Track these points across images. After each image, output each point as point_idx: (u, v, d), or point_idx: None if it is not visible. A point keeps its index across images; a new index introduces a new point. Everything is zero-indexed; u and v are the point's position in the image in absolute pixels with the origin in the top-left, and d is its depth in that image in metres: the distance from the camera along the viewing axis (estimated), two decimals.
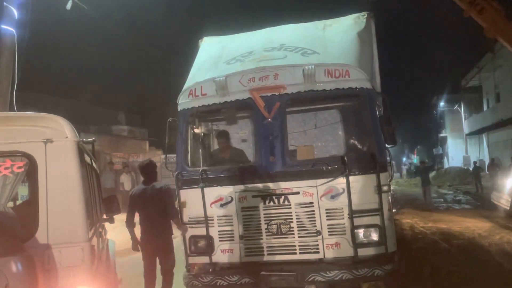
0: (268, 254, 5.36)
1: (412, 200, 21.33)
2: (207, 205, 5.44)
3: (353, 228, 5.16)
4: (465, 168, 32.60)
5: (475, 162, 25.72)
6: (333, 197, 5.25)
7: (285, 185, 5.32)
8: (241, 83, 5.54)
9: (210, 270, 5.44)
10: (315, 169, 5.35)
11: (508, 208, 13.12)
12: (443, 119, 41.51)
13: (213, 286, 5.36)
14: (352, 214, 5.15)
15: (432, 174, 35.51)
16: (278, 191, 5.33)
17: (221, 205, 5.45)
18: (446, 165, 39.96)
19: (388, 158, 5.88)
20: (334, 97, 5.74)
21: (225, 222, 5.44)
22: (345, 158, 5.23)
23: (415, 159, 56.14)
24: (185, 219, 5.54)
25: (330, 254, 5.24)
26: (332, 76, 5.42)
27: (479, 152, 32.99)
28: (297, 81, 5.42)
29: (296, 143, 6.57)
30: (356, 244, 5.15)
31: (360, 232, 5.21)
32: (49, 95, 17.45)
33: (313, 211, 5.27)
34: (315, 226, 5.26)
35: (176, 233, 5.96)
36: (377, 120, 5.45)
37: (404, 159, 67.71)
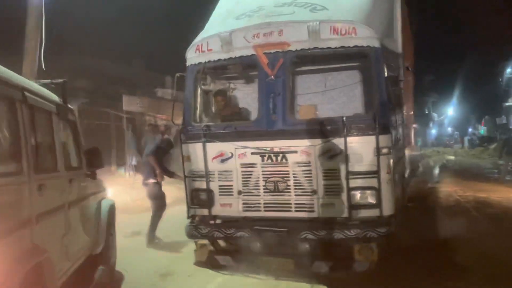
0: (264, 210, 5.46)
1: (463, 170, 20.58)
2: (209, 160, 5.58)
3: (349, 189, 5.12)
4: None
5: None
6: (330, 157, 5.20)
7: (284, 144, 5.33)
8: (245, 39, 5.50)
9: (210, 222, 5.65)
10: (314, 128, 5.31)
11: None
12: (509, 86, 38.83)
13: (210, 237, 5.58)
14: (348, 175, 5.10)
15: (493, 146, 33.81)
16: (276, 149, 5.35)
17: (222, 161, 5.57)
18: None
19: (396, 121, 5.73)
20: (341, 56, 5.57)
21: (225, 177, 5.57)
22: (344, 118, 5.12)
23: (482, 130, 53.45)
24: (187, 173, 5.72)
25: (324, 213, 5.26)
26: (337, 33, 5.24)
27: None
28: (302, 38, 5.30)
29: (302, 103, 6.49)
30: (351, 205, 5.12)
31: (356, 193, 5.15)
32: (99, 58, 17.91)
33: (310, 170, 5.26)
34: (312, 185, 5.27)
35: None
36: (383, 81, 5.25)
37: (470, 129, 64.76)
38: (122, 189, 10.68)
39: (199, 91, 6.03)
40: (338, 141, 5.14)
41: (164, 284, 5.40)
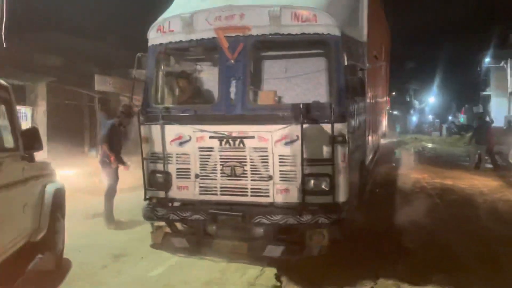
0: (221, 194, 5.49)
1: (436, 157, 20.91)
2: (167, 142, 5.57)
3: (304, 176, 5.18)
4: (505, 128, 31.19)
5: (509, 122, 24.55)
6: (287, 144, 5.24)
7: (241, 129, 5.34)
8: (207, 21, 5.45)
9: (168, 204, 5.67)
10: (272, 114, 5.33)
11: None
12: (488, 76, 39.28)
13: (166, 219, 5.61)
14: (303, 162, 5.15)
15: (469, 134, 34.56)
16: (234, 134, 5.36)
17: (180, 144, 5.56)
18: None
19: (356, 109, 5.79)
20: (302, 43, 5.57)
21: (183, 160, 5.57)
22: (301, 106, 5.15)
23: (461, 118, 54.17)
24: (145, 154, 5.71)
25: (279, 199, 5.32)
26: (298, 20, 5.23)
27: None
28: (263, 23, 5.28)
29: (264, 88, 6.49)
30: (305, 191, 5.19)
31: (310, 180, 5.22)
32: (72, 35, 17.35)
33: (267, 156, 5.30)
34: (268, 171, 5.32)
35: None
36: (341, 70, 5.27)
37: (450, 117, 65.67)
38: (92, 171, 10.60)
39: (160, 72, 5.98)
40: (295, 128, 5.17)
41: (115, 265, 5.41)
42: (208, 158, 5.47)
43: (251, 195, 5.40)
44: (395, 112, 58.96)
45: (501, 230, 6.98)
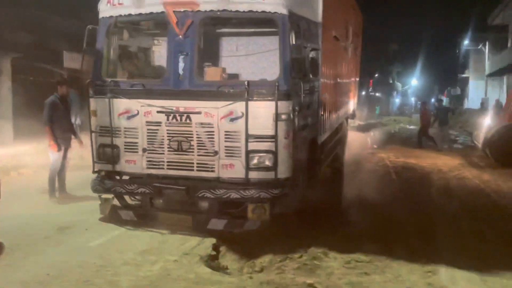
0: (168, 168, 5.58)
1: (409, 138, 21.26)
2: (115, 116, 5.61)
3: (248, 152, 5.29)
4: (478, 109, 31.77)
5: (482, 103, 25.10)
6: (232, 120, 5.33)
7: (188, 104, 5.41)
8: None
9: (116, 177, 5.75)
10: (218, 91, 5.40)
11: (480, 146, 13.25)
12: (466, 59, 39.75)
13: (113, 192, 5.69)
14: (248, 138, 5.26)
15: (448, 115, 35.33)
16: (181, 109, 5.43)
17: (128, 118, 5.61)
18: (466, 107, 38.94)
19: (305, 88, 5.86)
20: (250, 21, 5.62)
21: (131, 134, 5.63)
22: (247, 83, 5.23)
23: (444, 100, 54.79)
24: (94, 127, 5.75)
25: (224, 174, 5.44)
26: None
27: (499, 94, 31.78)
28: None
29: (213, 65, 6.53)
30: (249, 167, 5.32)
31: (254, 156, 5.33)
32: (41, 10, 16.61)
33: (213, 131, 5.39)
34: (214, 146, 5.41)
35: None
36: (288, 49, 5.35)
37: (433, 100, 66.34)
38: None
39: (110, 46, 5.96)
40: (240, 105, 5.25)
41: (58, 236, 5.49)
42: (156, 133, 5.54)
43: (197, 170, 5.50)
44: (377, 94, 59.46)
45: (446, 205, 7.30)
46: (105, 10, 5.73)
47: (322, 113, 7.30)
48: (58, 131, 7.19)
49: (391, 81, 66.50)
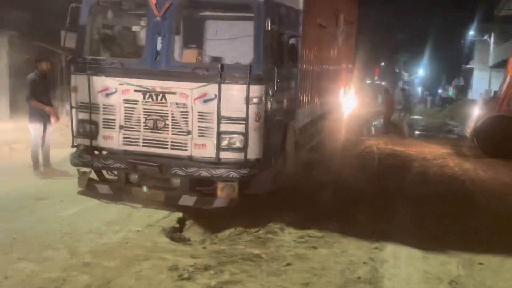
0: (143, 146, 5.81)
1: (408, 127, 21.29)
2: (94, 93, 5.82)
3: (219, 133, 5.51)
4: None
5: (481, 94, 25.20)
6: (205, 101, 5.54)
7: (164, 84, 5.61)
8: None
9: (94, 152, 5.99)
10: (193, 73, 5.60)
11: (468, 136, 13.47)
12: (471, 49, 39.49)
13: (90, 166, 5.94)
14: (219, 120, 5.47)
15: (451, 106, 35.45)
16: (158, 89, 5.63)
17: (107, 95, 5.82)
18: (470, 98, 38.89)
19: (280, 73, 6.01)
20: (229, 5, 5.78)
21: (109, 111, 5.85)
22: (219, 66, 5.41)
23: (451, 91, 54.62)
24: (74, 103, 5.97)
25: (197, 153, 5.66)
26: None
27: None
28: None
29: (191, 47, 6.69)
30: (220, 147, 5.54)
31: (225, 137, 5.55)
32: None
33: (187, 112, 5.60)
34: (187, 126, 5.63)
35: None
36: (262, 34, 5.51)
37: (440, 90, 65.98)
38: (57, 126, 10.75)
39: (92, 24, 6.14)
40: (213, 87, 5.45)
41: (33, 206, 5.75)
42: (132, 111, 5.76)
43: (171, 148, 5.73)
44: (383, 83, 59.19)
45: (415, 189, 7.53)
46: None
47: (301, 98, 7.48)
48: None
49: (397, 70, 66.16)
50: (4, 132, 10.21)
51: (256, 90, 5.47)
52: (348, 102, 14.18)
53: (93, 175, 6.10)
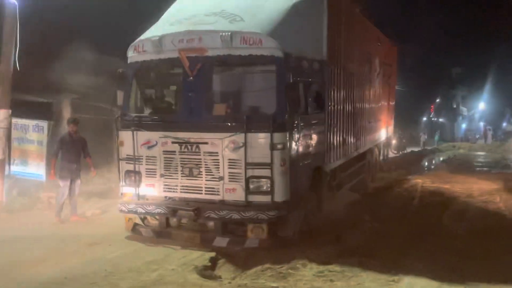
0: (181, 192, 6.41)
1: (460, 164, 20.55)
2: (138, 146, 6.55)
3: (247, 178, 6.00)
4: None
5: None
6: (234, 149, 6.09)
7: (198, 135, 6.25)
8: (172, 43, 6.40)
9: (138, 199, 6.63)
10: (223, 124, 6.21)
11: None
12: None
13: (135, 212, 6.57)
14: (246, 165, 5.98)
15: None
16: (192, 140, 6.27)
17: (149, 147, 6.53)
18: None
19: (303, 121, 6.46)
20: (251, 62, 6.37)
21: (151, 162, 6.53)
22: (245, 117, 5.99)
23: None
24: (122, 156, 6.72)
25: (228, 197, 6.17)
26: (247, 43, 6.09)
27: None
28: (217, 45, 6.16)
29: (220, 101, 7.26)
30: (248, 191, 6.01)
31: (253, 181, 6.04)
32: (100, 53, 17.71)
33: (218, 159, 6.16)
34: (219, 172, 6.17)
35: None
36: (283, 86, 6.07)
37: (505, 124, 63.25)
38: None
39: (137, 86, 6.98)
40: (241, 136, 6.00)
41: (84, 250, 6.36)
42: (171, 160, 6.40)
43: (205, 193, 6.28)
44: (440, 120, 57.60)
45: (452, 226, 7.49)
46: (132, 56, 6.77)
47: (331, 141, 7.85)
48: (65, 161, 8.18)
49: (454, 106, 64.29)
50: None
51: (279, 137, 5.97)
52: (392, 140, 14.27)
53: (138, 220, 6.73)
